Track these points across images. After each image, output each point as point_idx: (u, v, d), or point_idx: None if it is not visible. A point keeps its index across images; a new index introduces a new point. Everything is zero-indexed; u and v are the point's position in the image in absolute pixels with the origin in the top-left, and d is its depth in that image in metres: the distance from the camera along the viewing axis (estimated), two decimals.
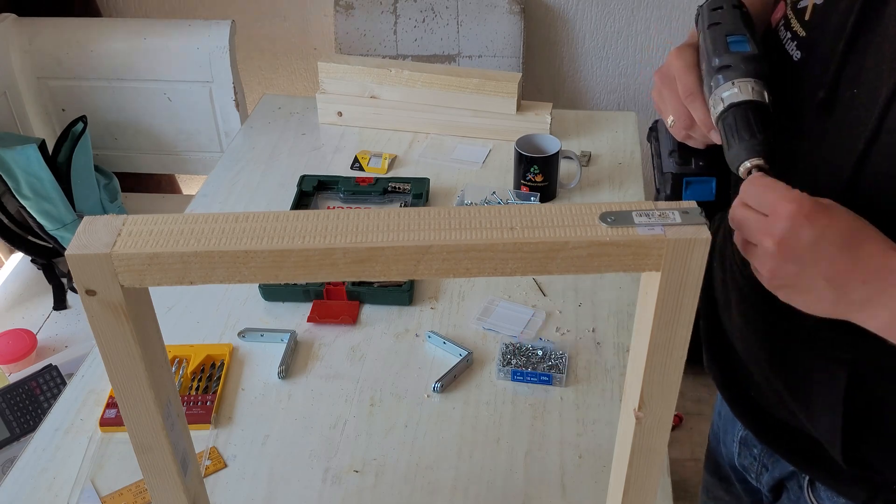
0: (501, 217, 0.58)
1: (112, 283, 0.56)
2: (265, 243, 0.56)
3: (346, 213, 0.59)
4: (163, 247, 0.55)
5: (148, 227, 0.57)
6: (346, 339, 1.15)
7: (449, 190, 1.47)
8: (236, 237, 0.56)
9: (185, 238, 0.56)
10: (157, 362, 0.64)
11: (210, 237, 0.56)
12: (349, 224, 0.58)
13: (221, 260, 0.56)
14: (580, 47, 2.24)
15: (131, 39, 1.93)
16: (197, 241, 0.56)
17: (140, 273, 0.56)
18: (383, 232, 0.57)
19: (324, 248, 0.56)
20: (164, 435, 0.65)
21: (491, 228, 0.57)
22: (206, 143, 2.05)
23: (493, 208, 0.59)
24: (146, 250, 0.55)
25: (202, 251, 0.55)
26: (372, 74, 1.61)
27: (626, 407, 0.67)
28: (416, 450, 0.98)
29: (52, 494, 0.94)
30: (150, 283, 0.57)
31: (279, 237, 0.56)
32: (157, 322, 0.64)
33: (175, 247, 0.56)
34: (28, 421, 1.47)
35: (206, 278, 0.57)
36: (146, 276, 0.56)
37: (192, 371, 1.09)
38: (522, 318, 1.17)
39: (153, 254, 0.55)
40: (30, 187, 1.70)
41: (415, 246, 0.56)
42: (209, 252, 0.56)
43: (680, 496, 2.03)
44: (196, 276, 0.57)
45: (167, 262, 0.56)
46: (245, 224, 0.58)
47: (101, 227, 0.57)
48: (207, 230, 0.57)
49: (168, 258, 0.55)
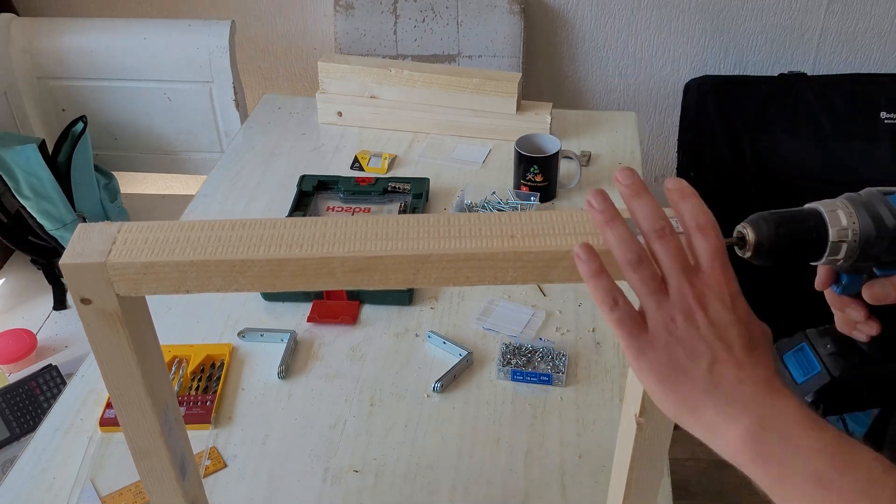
0: (502, 225, 0.57)
1: (107, 291, 0.55)
2: (262, 252, 0.55)
3: (343, 220, 0.58)
4: (158, 256, 0.55)
5: (143, 235, 0.56)
6: (346, 338, 1.15)
7: (449, 190, 1.47)
8: (233, 245, 0.56)
9: (180, 246, 0.55)
10: (154, 369, 0.63)
11: (206, 245, 0.55)
12: (347, 232, 0.57)
13: (218, 269, 0.55)
14: (580, 47, 2.24)
15: (131, 39, 1.92)
16: (193, 250, 0.55)
17: (135, 282, 0.55)
18: (382, 240, 0.56)
19: (321, 257, 0.55)
20: (161, 441, 0.64)
21: (491, 237, 0.56)
22: (206, 143, 2.05)
23: (493, 215, 0.58)
24: (141, 259, 0.54)
25: (198, 260, 0.55)
26: (372, 74, 1.61)
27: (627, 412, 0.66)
28: (416, 450, 0.98)
29: (52, 494, 0.94)
30: (146, 291, 0.56)
31: (276, 246, 0.56)
32: (153, 328, 0.63)
33: (171, 256, 0.55)
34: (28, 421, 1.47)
35: (202, 287, 0.56)
36: (142, 284, 0.55)
37: (191, 371, 1.09)
38: (522, 318, 1.17)
39: (148, 263, 0.54)
40: (30, 187, 1.70)
41: (414, 255, 0.55)
42: (205, 261, 0.55)
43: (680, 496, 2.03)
44: (192, 285, 0.56)
45: (163, 271, 0.55)
46: (242, 232, 0.57)
47: (96, 234, 0.56)
48: (203, 238, 0.56)
49: (164, 267, 0.55)
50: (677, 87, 2.25)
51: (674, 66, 2.25)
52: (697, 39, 2.20)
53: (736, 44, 2.20)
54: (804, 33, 2.17)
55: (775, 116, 2.08)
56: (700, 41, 2.20)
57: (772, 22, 2.16)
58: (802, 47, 2.20)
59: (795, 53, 2.21)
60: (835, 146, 2.06)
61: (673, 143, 2.28)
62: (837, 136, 2.06)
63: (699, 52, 2.22)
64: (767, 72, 2.23)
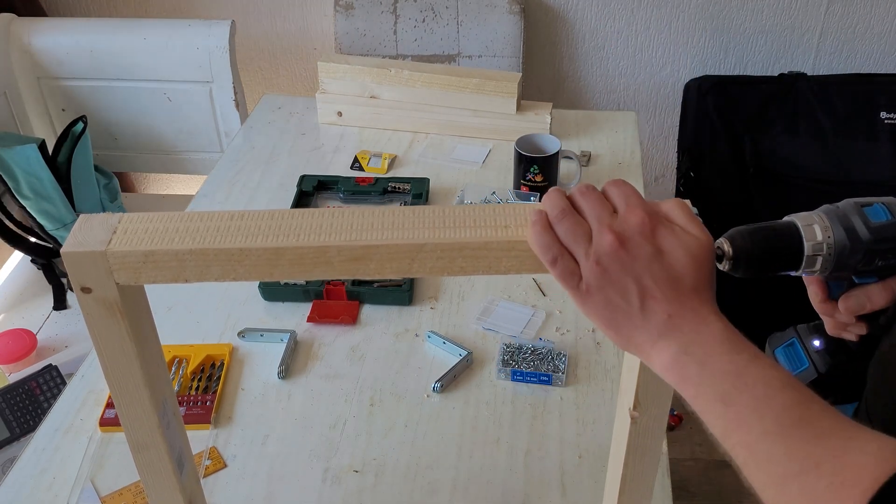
0: (496, 215, 0.58)
1: (107, 280, 0.56)
2: (260, 241, 0.56)
3: (340, 211, 0.59)
4: (158, 244, 0.55)
5: (143, 225, 0.57)
6: (345, 339, 1.15)
7: (449, 190, 1.47)
8: (231, 235, 0.56)
9: (180, 236, 0.56)
10: (153, 360, 0.64)
11: (205, 235, 0.56)
12: (344, 222, 0.58)
13: (216, 258, 0.56)
14: (580, 47, 2.24)
15: (131, 39, 1.92)
16: (192, 239, 0.56)
17: (135, 271, 0.56)
18: (378, 230, 0.57)
19: (318, 245, 0.56)
20: (159, 433, 0.65)
21: (485, 227, 0.57)
22: (206, 143, 2.05)
23: (487, 207, 0.59)
24: (141, 248, 0.55)
25: (197, 249, 0.56)
26: (372, 74, 1.61)
27: (622, 406, 0.67)
28: (416, 450, 0.98)
29: (52, 494, 0.94)
30: (146, 280, 0.57)
31: (274, 235, 0.57)
32: (153, 320, 0.64)
33: (170, 244, 0.56)
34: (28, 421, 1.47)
35: (201, 276, 0.57)
36: (141, 273, 0.56)
37: (192, 371, 1.09)
38: (522, 318, 1.17)
39: (148, 251, 0.55)
40: (30, 187, 1.70)
41: (409, 244, 0.56)
42: (204, 250, 0.56)
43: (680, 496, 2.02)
44: (191, 273, 0.57)
45: (162, 260, 0.56)
46: (240, 222, 0.58)
47: (97, 224, 0.57)
48: (203, 228, 0.57)
49: (163, 256, 0.55)
50: (677, 87, 2.25)
51: (674, 66, 2.25)
52: (697, 39, 2.20)
53: (736, 44, 2.20)
54: (804, 33, 2.17)
55: (775, 116, 2.08)
56: (700, 41, 2.20)
57: (772, 22, 2.16)
58: (802, 47, 2.20)
59: (795, 53, 2.21)
60: (834, 146, 2.06)
61: (673, 143, 2.28)
62: (837, 136, 2.06)
63: (699, 52, 2.22)
64: (767, 72, 2.23)
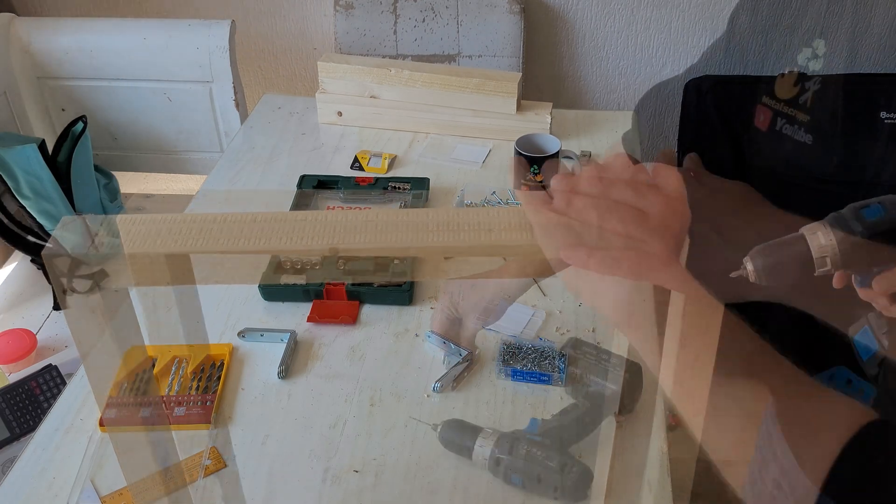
0: (479, 219, 0.58)
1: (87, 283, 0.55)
2: (241, 244, 0.56)
3: (324, 214, 0.59)
4: (140, 247, 0.55)
5: (126, 228, 0.57)
6: (345, 338, 1.15)
7: (449, 190, 1.47)
8: (213, 238, 0.56)
9: (162, 238, 0.56)
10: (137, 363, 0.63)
11: (187, 238, 0.56)
12: (327, 226, 0.57)
13: (197, 260, 0.56)
14: (580, 47, 2.24)
15: (131, 39, 1.93)
16: (174, 242, 0.56)
17: (116, 273, 0.55)
18: (361, 234, 0.57)
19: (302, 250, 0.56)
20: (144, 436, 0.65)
21: (469, 231, 0.57)
22: (206, 143, 2.05)
23: (473, 210, 0.59)
24: (122, 251, 0.55)
25: (178, 252, 0.55)
26: (372, 74, 1.61)
27: None
28: (416, 450, 0.98)
29: (52, 494, 0.94)
30: (126, 283, 0.56)
31: (255, 238, 0.56)
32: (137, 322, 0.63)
33: (152, 247, 0.55)
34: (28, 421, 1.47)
35: (182, 279, 0.57)
36: (122, 276, 0.56)
37: (191, 371, 1.09)
38: (522, 318, 1.17)
39: (129, 255, 0.55)
40: (30, 187, 1.70)
41: (392, 248, 0.56)
42: (185, 253, 0.55)
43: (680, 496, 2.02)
44: (173, 276, 0.57)
45: (143, 263, 0.55)
46: (223, 225, 0.57)
47: (79, 226, 0.57)
48: (185, 230, 0.57)
49: (144, 259, 0.55)
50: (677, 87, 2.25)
51: (674, 66, 2.25)
52: (697, 39, 2.20)
53: (736, 44, 2.20)
54: (804, 33, 2.17)
55: None
56: (700, 41, 2.20)
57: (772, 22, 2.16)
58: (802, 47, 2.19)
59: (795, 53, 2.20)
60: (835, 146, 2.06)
61: (673, 143, 2.28)
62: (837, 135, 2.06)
63: (699, 52, 2.22)
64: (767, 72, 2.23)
